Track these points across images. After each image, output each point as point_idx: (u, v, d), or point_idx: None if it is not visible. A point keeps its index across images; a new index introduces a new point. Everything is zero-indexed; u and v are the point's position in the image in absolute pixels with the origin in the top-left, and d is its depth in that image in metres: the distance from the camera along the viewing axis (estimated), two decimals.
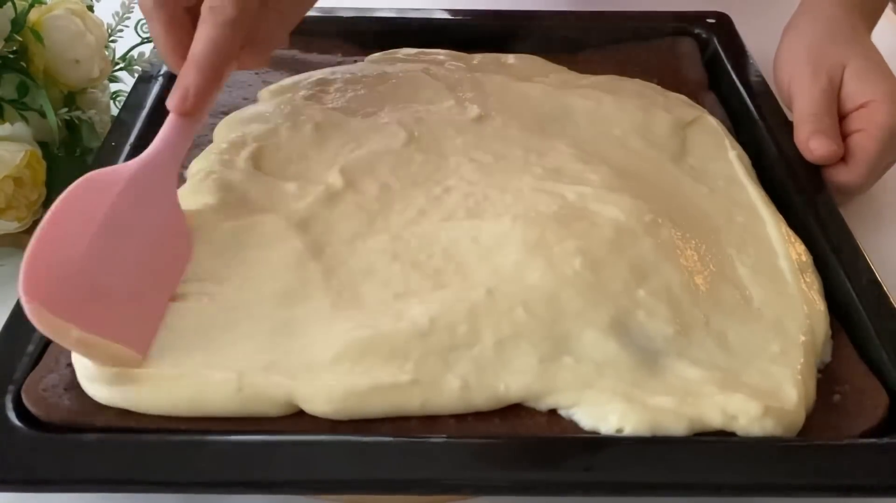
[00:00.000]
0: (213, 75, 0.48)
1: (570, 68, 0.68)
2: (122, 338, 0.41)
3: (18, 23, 0.54)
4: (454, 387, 0.42)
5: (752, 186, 0.56)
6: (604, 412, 0.41)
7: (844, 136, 0.58)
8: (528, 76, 0.65)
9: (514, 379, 0.42)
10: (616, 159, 0.57)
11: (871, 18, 0.66)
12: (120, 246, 0.43)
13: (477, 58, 0.68)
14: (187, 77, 0.48)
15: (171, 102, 0.48)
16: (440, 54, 0.68)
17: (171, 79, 0.63)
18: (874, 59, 0.61)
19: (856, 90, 0.59)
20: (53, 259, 0.40)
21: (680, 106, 0.63)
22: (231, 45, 0.48)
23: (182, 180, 0.53)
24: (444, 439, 0.40)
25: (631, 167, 0.57)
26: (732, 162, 0.58)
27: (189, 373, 0.42)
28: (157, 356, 0.43)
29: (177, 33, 0.50)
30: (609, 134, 0.60)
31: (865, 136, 0.57)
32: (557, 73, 0.67)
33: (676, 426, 0.40)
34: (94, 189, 0.44)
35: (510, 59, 0.68)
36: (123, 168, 0.46)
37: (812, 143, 0.57)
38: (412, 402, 0.41)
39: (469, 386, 0.42)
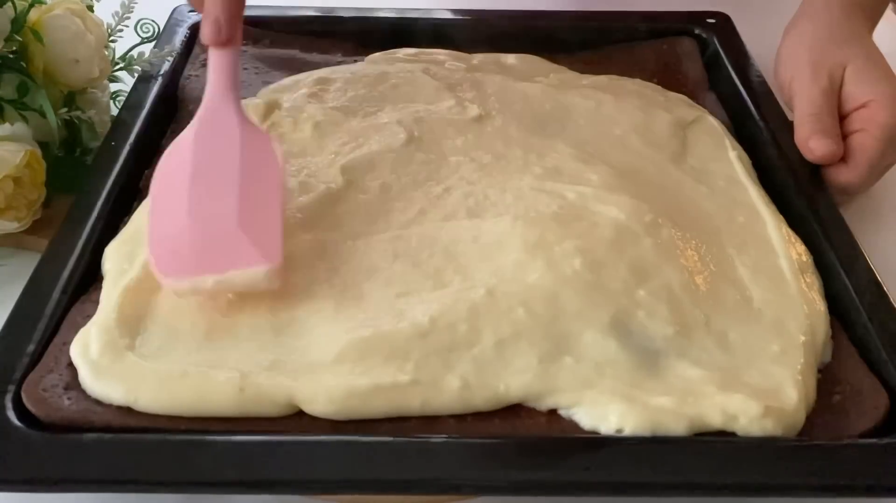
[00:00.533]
0: (236, 3, 0.49)
1: (570, 68, 0.68)
2: (251, 261, 0.43)
3: (18, 22, 0.54)
4: (454, 387, 0.42)
5: (752, 186, 0.56)
6: (604, 412, 0.41)
7: (845, 136, 0.58)
8: (528, 76, 0.65)
9: (514, 379, 0.42)
10: (616, 159, 0.57)
11: (873, 19, 0.66)
12: (214, 187, 0.45)
13: (477, 58, 0.68)
14: (214, 7, 0.48)
15: (205, 37, 0.49)
16: (440, 54, 0.68)
17: (174, 79, 0.64)
18: (875, 59, 0.61)
19: (856, 90, 0.59)
20: (166, 232, 0.44)
21: (680, 106, 0.63)
22: None
23: None
24: (444, 439, 0.40)
25: (631, 167, 0.57)
26: (733, 162, 0.58)
27: (192, 372, 0.42)
28: (160, 354, 0.43)
29: None
30: (609, 134, 0.60)
31: (866, 135, 0.57)
32: (557, 73, 0.67)
33: (676, 426, 0.40)
34: (175, 154, 0.47)
35: (510, 59, 0.68)
36: (188, 130, 0.48)
37: (812, 142, 0.57)
38: (412, 403, 0.41)
39: (469, 386, 0.42)
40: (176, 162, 0.47)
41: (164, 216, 0.45)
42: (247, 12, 0.70)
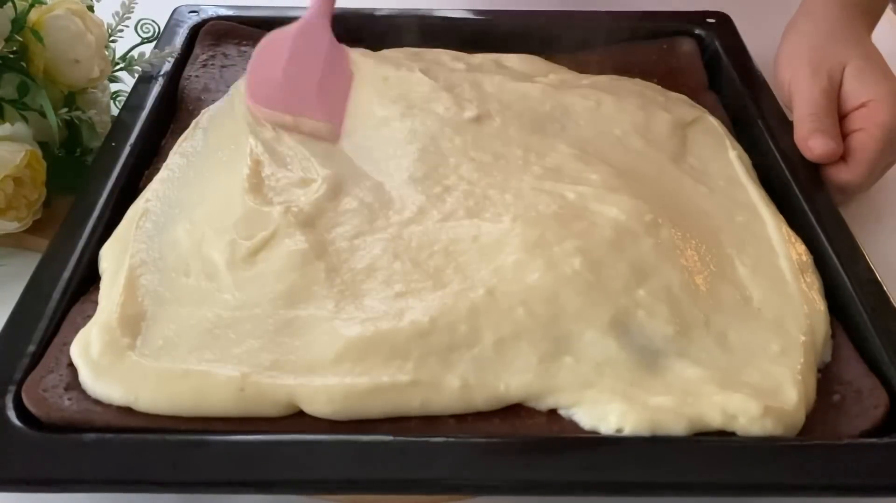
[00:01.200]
0: None
1: (570, 68, 0.68)
2: (321, 116, 0.57)
3: (18, 23, 0.54)
4: (454, 386, 0.42)
5: (752, 186, 0.56)
6: (604, 412, 0.41)
7: (844, 135, 0.58)
8: (527, 76, 0.65)
9: (514, 379, 0.42)
10: (616, 159, 0.57)
11: (872, 19, 0.66)
12: (305, 60, 0.59)
13: (477, 58, 0.68)
14: None
15: None
16: (440, 54, 0.68)
17: (174, 79, 0.64)
18: (874, 58, 0.61)
19: (856, 90, 0.59)
20: (261, 77, 0.59)
21: (680, 106, 0.63)
22: None
23: None
24: (444, 439, 0.40)
25: (631, 167, 0.56)
26: (733, 162, 0.58)
27: (192, 372, 0.42)
28: (161, 353, 0.43)
29: None
30: (609, 134, 0.60)
31: (865, 135, 0.57)
32: (557, 73, 0.67)
33: (676, 426, 0.40)
34: (278, 34, 0.61)
35: (510, 59, 0.68)
36: (294, 25, 0.61)
37: (811, 141, 0.57)
38: (412, 403, 0.41)
39: (469, 386, 0.42)
40: (279, 38, 0.60)
41: (264, 68, 0.59)
42: (247, 12, 0.72)
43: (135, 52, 0.63)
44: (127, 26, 0.62)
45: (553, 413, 0.42)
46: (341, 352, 0.43)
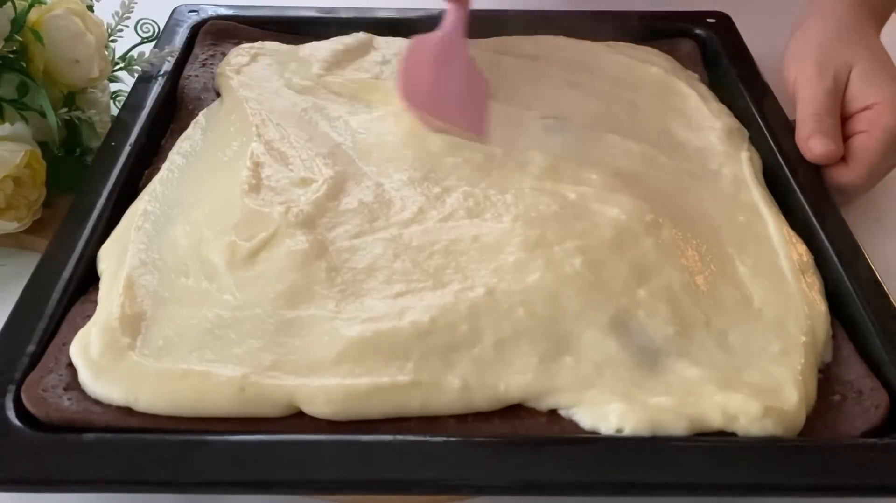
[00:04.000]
0: None
1: None
2: (465, 124, 0.57)
3: (18, 23, 0.54)
4: (454, 387, 0.42)
5: (756, 187, 0.56)
6: (604, 412, 0.41)
7: (848, 136, 0.58)
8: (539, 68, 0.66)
9: (514, 379, 0.42)
10: (619, 158, 0.57)
11: (881, 18, 0.66)
12: (448, 75, 0.59)
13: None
14: None
15: None
16: None
17: (174, 79, 0.64)
18: (882, 61, 0.60)
19: (862, 92, 0.59)
20: (413, 82, 0.59)
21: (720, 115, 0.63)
22: None
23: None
24: (444, 439, 0.40)
25: (633, 166, 0.56)
26: (742, 162, 0.58)
27: (192, 372, 0.42)
28: (161, 353, 0.43)
29: None
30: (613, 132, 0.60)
31: (869, 137, 0.57)
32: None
33: (676, 426, 0.40)
34: (423, 41, 0.60)
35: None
36: (435, 35, 0.60)
37: (812, 142, 0.57)
38: (412, 403, 0.41)
39: (469, 386, 0.42)
40: (424, 46, 0.60)
41: (414, 73, 0.59)
42: (247, 12, 0.72)
43: (135, 52, 0.63)
44: (127, 26, 0.62)
45: (553, 413, 0.42)
46: (341, 353, 0.43)
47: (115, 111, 0.62)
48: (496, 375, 0.42)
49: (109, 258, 0.49)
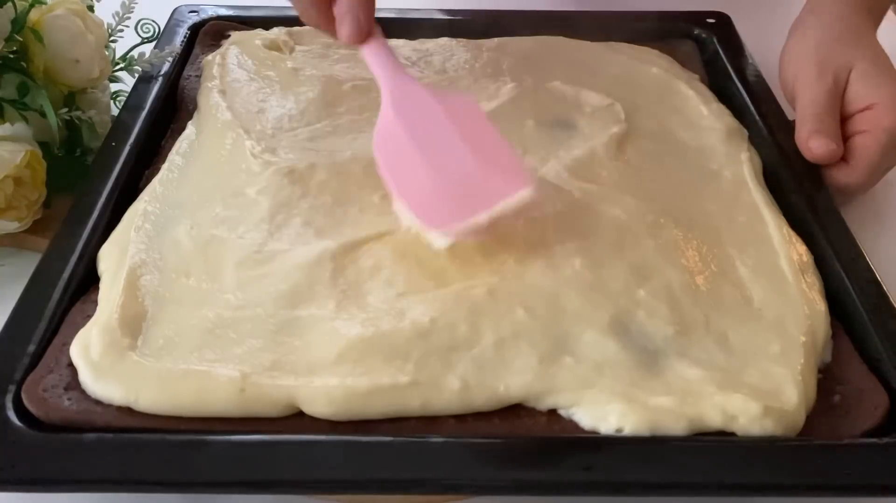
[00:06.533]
0: None
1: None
2: (505, 192, 0.44)
3: (19, 23, 0.54)
4: (454, 387, 0.42)
5: (756, 187, 0.56)
6: (604, 412, 0.41)
7: (848, 136, 0.58)
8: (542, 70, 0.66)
9: (514, 379, 0.42)
10: (622, 157, 0.57)
11: (877, 17, 0.66)
12: (439, 143, 0.47)
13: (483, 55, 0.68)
14: (351, 8, 0.49)
15: (348, 36, 0.50)
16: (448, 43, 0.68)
17: (174, 79, 0.64)
18: (881, 61, 0.60)
19: (861, 92, 0.59)
20: (421, 196, 0.46)
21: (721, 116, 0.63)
22: None
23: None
24: (444, 439, 0.40)
25: (633, 166, 0.56)
26: (743, 163, 0.58)
27: (192, 372, 0.42)
28: (162, 353, 0.43)
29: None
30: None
31: (869, 137, 0.57)
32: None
33: (676, 426, 0.40)
34: (385, 137, 0.49)
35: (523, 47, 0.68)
36: (384, 111, 0.50)
37: (812, 142, 0.57)
38: (412, 403, 0.41)
39: (469, 386, 0.42)
40: (391, 142, 0.49)
41: (410, 185, 0.47)
42: (247, 12, 0.72)
43: (135, 52, 0.63)
44: (127, 26, 0.62)
45: (553, 413, 0.42)
46: (342, 353, 0.43)
47: (115, 111, 0.63)
48: (496, 376, 0.42)
49: (110, 258, 0.49)
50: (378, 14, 0.71)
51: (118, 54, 0.63)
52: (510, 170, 0.46)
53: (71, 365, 0.43)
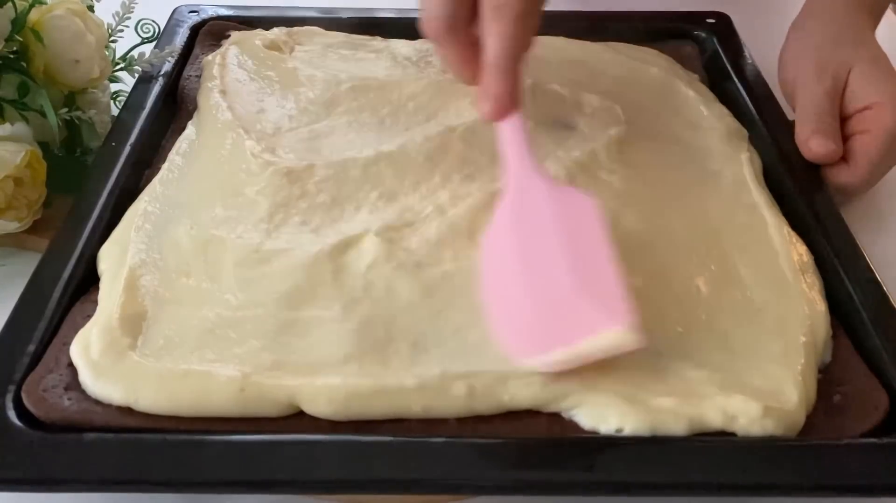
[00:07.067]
0: (513, 74, 0.47)
1: None
2: (599, 326, 0.39)
3: (19, 23, 0.54)
4: (460, 394, 0.41)
5: (757, 188, 0.56)
6: (604, 412, 0.41)
7: (848, 136, 0.58)
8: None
9: (520, 391, 0.42)
10: (624, 157, 0.57)
11: (876, 17, 0.66)
12: (543, 259, 0.43)
13: None
14: (491, 86, 0.47)
15: (488, 114, 0.48)
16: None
17: (174, 79, 0.64)
18: (880, 61, 0.61)
19: (861, 92, 0.59)
20: (511, 316, 0.43)
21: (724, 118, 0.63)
22: (524, 41, 0.48)
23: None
24: (445, 439, 0.40)
25: (633, 166, 0.56)
26: (743, 163, 0.58)
27: (193, 372, 0.42)
28: (162, 353, 0.43)
29: (468, 51, 0.49)
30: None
31: (869, 137, 0.57)
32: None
33: (676, 426, 0.40)
34: (495, 239, 0.46)
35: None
36: (504, 209, 0.47)
37: (812, 142, 0.57)
38: (414, 407, 0.41)
39: (474, 394, 0.41)
40: (499, 247, 0.46)
41: (505, 301, 0.44)
42: (247, 13, 0.72)
43: (135, 52, 0.63)
44: (127, 26, 0.62)
45: (553, 413, 0.42)
46: (346, 353, 0.43)
47: (115, 111, 0.62)
48: (503, 385, 0.42)
49: (110, 258, 0.49)
50: (378, 14, 0.72)
51: (118, 54, 0.63)
52: (607, 298, 0.40)
53: (71, 365, 0.43)
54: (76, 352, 0.43)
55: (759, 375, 0.43)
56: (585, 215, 0.44)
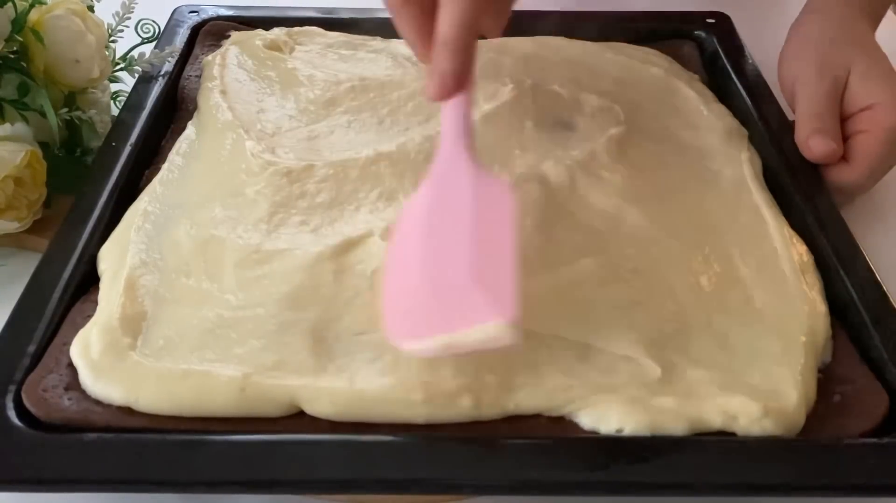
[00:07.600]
0: (462, 54, 0.46)
1: None
2: (479, 319, 0.37)
3: (19, 23, 0.54)
4: (465, 405, 0.41)
5: (757, 188, 0.56)
6: (604, 412, 0.41)
7: (848, 136, 0.58)
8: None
9: (525, 401, 0.41)
10: (625, 157, 0.57)
11: (877, 18, 0.66)
12: (447, 242, 0.42)
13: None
14: (441, 63, 0.46)
15: (431, 92, 0.46)
16: None
17: (174, 79, 0.64)
18: (880, 61, 0.61)
19: (861, 92, 0.59)
20: (400, 294, 0.41)
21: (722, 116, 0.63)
22: (476, 19, 0.46)
23: None
24: (445, 439, 0.40)
25: (633, 166, 0.56)
26: (743, 163, 0.58)
27: (193, 372, 0.42)
28: (162, 353, 0.43)
29: (425, 24, 0.47)
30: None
31: (869, 137, 0.57)
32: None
33: (676, 426, 0.40)
34: (410, 213, 0.45)
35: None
36: (425, 184, 0.46)
37: (812, 141, 0.57)
38: (417, 414, 0.41)
39: (480, 405, 0.41)
40: (409, 226, 0.45)
41: (398, 277, 0.43)
42: (247, 13, 0.72)
43: (135, 52, 0.63)
44: (127, 26, 0.62)
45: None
46: (348, 353, 0.43)
47: (115, 111, 0.62)
48: (508, 396, 0.42)
49: (110, 258, 0.49)
50: (378, 14, 0.72)
51: (118, 54, 0.63)
52: (497, 292, 0.38)
53: (71, 365, 0.43)
54: (76, 352, 0.43)
55: (759, 375, 0.43)
56: (501, 206, 0.43)
